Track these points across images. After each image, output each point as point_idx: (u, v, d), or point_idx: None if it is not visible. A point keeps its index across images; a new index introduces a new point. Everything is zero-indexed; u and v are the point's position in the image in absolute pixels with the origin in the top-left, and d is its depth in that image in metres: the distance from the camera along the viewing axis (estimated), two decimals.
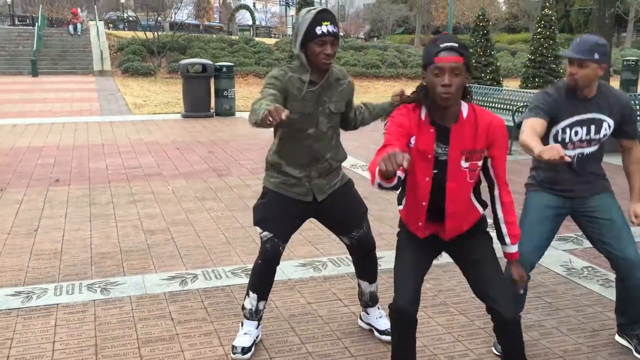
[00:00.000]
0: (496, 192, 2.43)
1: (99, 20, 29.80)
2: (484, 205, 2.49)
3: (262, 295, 3.00)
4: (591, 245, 4.58)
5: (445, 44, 2.17)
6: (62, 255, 4.39)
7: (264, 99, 2.59)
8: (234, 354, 2.96)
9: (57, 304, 3.55)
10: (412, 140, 2.30)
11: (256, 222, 2.96)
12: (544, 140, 2.91)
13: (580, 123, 2.88)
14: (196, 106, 12.31)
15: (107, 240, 4.72)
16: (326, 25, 2.63)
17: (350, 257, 4.29)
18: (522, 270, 2.52)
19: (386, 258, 4.26)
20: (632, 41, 41.44)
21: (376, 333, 3.17)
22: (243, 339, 3.01)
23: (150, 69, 22.43)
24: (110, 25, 40.28)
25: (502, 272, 2.44)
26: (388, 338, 3.10)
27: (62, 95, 16.66)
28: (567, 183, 2.95)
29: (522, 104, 8.91)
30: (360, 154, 8.35)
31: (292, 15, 54.44)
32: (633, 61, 17.85)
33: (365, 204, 3.10)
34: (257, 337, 3.08)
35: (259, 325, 3.08)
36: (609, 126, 2.90)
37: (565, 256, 4.38)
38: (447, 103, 2.19)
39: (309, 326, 3.31)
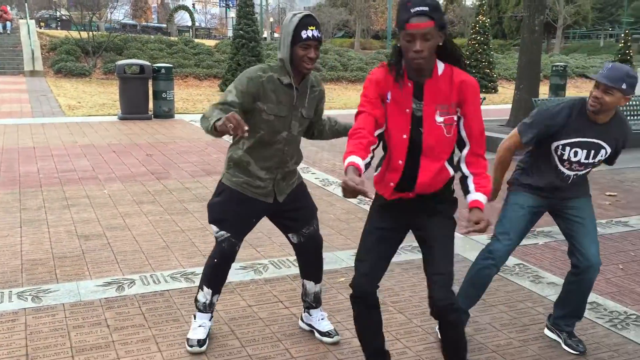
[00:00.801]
0: (464, 152, 2.40)
1: (30, 18, 28.63)
2: (455, 168, 2.48)
3: (217, 290, 3.06)
4: (523, 244, 4.78)
5: (416, 9, 2.16)
6: None
7: (217, 109, 2.62)
8: (190, 346, 3.00)
9: None
10: (389, 95, 2.34)
11: (212, 221, 2.94)
12: (547, 149, 3.02)
13: (581, 145, 2.96)
14: (133, 108, 12.02)
15: (38, 246, 4.55)
16: (312, 29, 2.68)
17: (291, 259, 4.31)
18: (483, 216, 2.35)
19: (327, 260, 4.28)
20: (560, 47, 43.31)
21: (317, 334, 3.19)
22: (198, 331, 3.05)
23: (85, 70, 21.73)
24: (42, 24, 38.85)
25: (450, 258, 2.42)
26: (329, 339, 3.14)
27: None
28: (549, 190, 3.08)
29: None
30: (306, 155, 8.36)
31: (232, 17, 54.00)
32: (561, 67, 18.64)
33: (314, 203, 3.14)
34: (209, 329, 3.12)
35: (211, 317, 3.12)
36: (606, 153, 3.01)
37: None
38: (420, 67, 2.24)
39: (249, 329, 3.29)
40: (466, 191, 2.43)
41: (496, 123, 10.45)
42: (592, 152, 2.97)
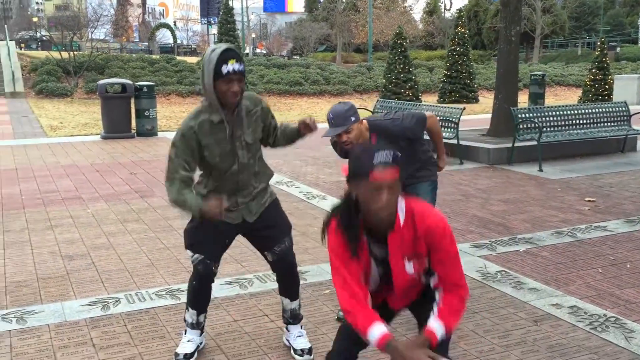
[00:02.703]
0: (437, 296, 2.15)
1: (10, 40, 28.53)
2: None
3: (201, 310, 3.10)
4: (505, 251, 4.85)
5: (381, 158, 1.95)
6: None
7: (183, 187, 2.77)
8: None
9: None
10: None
11: (187, 246, 3.02)
12: None
13: None
14: (116, 127, 12.01)
15: (22, 268, 4.53)
16: (232, 63, 2.66)
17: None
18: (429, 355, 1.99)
19: (311, 272, 4.33)
20: (539, 57, 43.96)
21: (292, 351, 3.19)
22: (186, 346, 3.09)
23: (67, 90, 21.67)
24: (23, 45, 38.71)
25: None
26: (299, 358, 3.13)
27: None
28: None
29: (440, 118, 9.28)
30: (285, 171, 8.42)
31: (214, 34, 54.15)
32: (540, 75, 18.92)
33: (289, 221, 3.17)
34: (200, 344, 3.16)
35: (202, 333, 3.17)
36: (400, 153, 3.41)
37: (481, 262, 4.59)
38: (384, 219, 2.03)
39: (235, 344, 3.31)
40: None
41: (477, 132, 10.59)
42: None
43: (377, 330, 2.00)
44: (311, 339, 3.32)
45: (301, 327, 3.27)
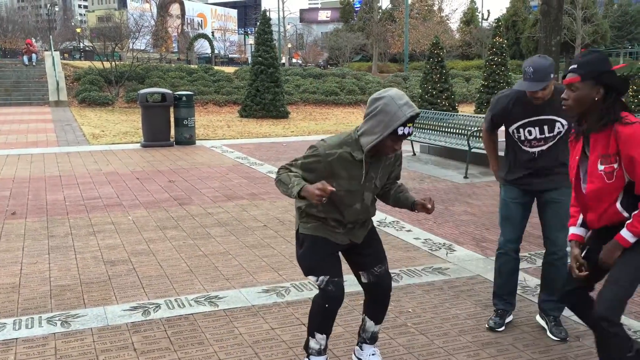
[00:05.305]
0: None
1: (55, 50, 29.42)
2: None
3: (329, 332, 2.98)
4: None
5: (571, 67, 2.55)
6: (21, 289, 4.31)
7: (293, 174, 2.68)
8: None
9: (16, 339, 3.49)
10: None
11: (308, 272, 2.91)
12: (510, 136, 3.45)
13: (532, 124, 3.31)
14: (156, 135, 12.25)
15: (66, 272, 4.66)
16: (409, 127, 2.64)
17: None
18: (611, 253, 2.56)
19: (348, 282, 4.32)
20: None
21: None
22: None
23: (108, 99, 22.22)
24: (66, 55, 39.87)
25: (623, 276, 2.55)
26: None
27: (17, 126, 16.34)
28: (525, 179, 3.44)
29: (476, 128, 9.18)
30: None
31: (250, 44, 54.80)
32: None
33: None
34: None
35: (326, 357, 3.06)
36: (563, 125, 3.30)
37: (520, 275, 4.51)
38: (569, 113, 2.62)
39: (272, 351, 3.34)
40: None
41: None
42: (546, 127, 3.30)
43: (571, 230, 2.74)
44: (348, 348, 3.33)
45: (374, 346, 3.18)
